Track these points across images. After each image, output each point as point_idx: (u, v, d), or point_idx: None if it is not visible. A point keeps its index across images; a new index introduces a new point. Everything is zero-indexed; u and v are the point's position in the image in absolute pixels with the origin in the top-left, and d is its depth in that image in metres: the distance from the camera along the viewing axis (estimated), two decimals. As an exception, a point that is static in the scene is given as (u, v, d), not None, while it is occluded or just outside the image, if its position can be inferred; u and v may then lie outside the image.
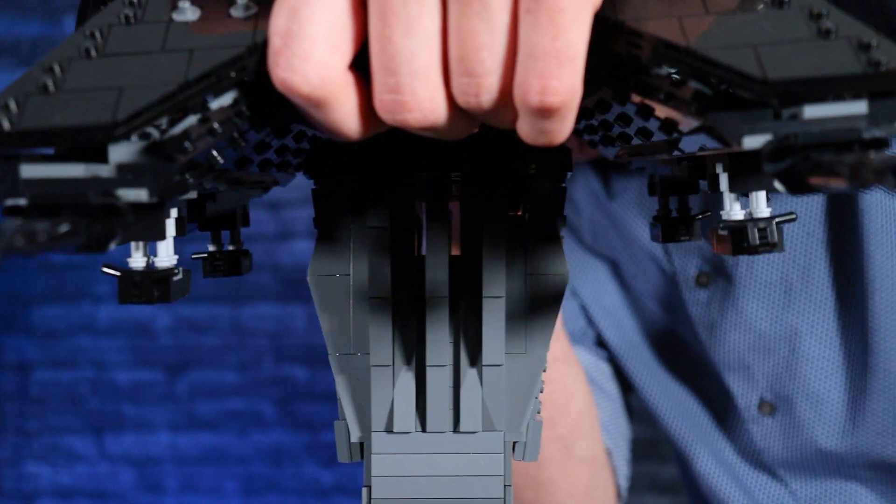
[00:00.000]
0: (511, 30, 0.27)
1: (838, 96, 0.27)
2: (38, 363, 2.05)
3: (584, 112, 0.36)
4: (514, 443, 0.37)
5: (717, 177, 0.31)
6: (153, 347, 2.05)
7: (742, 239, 0.30)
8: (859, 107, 0.26)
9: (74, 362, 2.05)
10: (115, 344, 2.05)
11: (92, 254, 0.26)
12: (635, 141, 0.36)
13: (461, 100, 0.27)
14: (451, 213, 0.36)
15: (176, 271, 0.31)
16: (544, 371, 0.37)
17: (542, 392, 0.38)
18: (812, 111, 0.26)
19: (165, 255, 0.31)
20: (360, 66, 0.28)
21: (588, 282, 0.76)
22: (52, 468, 2.06)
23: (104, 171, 0.26)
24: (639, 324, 0.77)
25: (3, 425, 2.05)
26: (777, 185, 0.27)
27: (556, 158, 0.36)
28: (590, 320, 0.77)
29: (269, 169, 0.36)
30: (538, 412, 0.38)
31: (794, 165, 0.26)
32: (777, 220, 0.31)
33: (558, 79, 0.26)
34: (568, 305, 0.75)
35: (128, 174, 0.26)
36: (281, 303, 1.98)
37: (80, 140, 0.26)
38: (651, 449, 1.69)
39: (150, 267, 0.31)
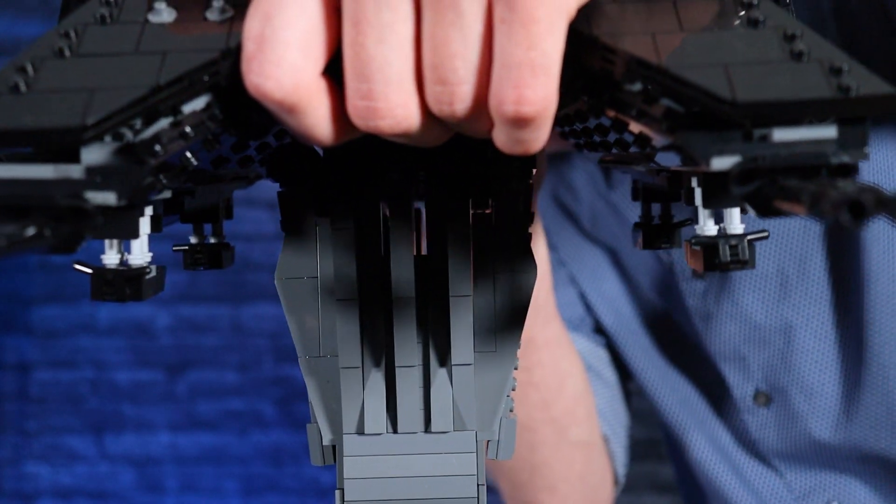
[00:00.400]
0: (485, 39, 0.27)
1: (808, 120, 0.26)
2: (38, 363, 2.05)
3: (565, 118, 0.36)
4: (488, 441, 0.37)
5: (692, 191, 0.31)
6: (153, 347, 2.06)
7: (713, 255, 0.30)
8: (829, 131, 0.26)
9: (74, 362, 2.05)
10: (115, 344, 2.05)
11: (62, 255, 0.26)
12: (615, 150, 0.35)
13: (435, 108, 0.27)
14: (420, 212, 0.36)
15: (148, 270, 0.31)
16: (516, 369, 0.37)
17: (514, 390, 0.38)
18: (781, 134, 0.26)
19: (139, 252, 0.31)
20: (334, 71, 0.28)
21: (587, 269, 0.76)
22: (52, 468, 2.06)
23: (73, 172, 0.26)
24: (637, 311, 0.77)
25: (3, 425, 2.06)
26: (746, 206, 0.27)
27: (522, 157, 0.35)
28: (588, 308, 0.77)
29: (250, 165, 0.36)
30: (511, 410, 0.38)
31: (761, 188, 0.26)
32: (749, 237, 0.30)
33: (533, 88, 0.26)
34: (566, 293, 0.76)
35: (97, 177, 0.26)
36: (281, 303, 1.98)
37: (49, 142, 0.26)
38: (651, 449, 1.68)
39: (123, 264, 0.31)
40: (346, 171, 0.35)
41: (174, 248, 0.41)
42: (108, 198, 0.26)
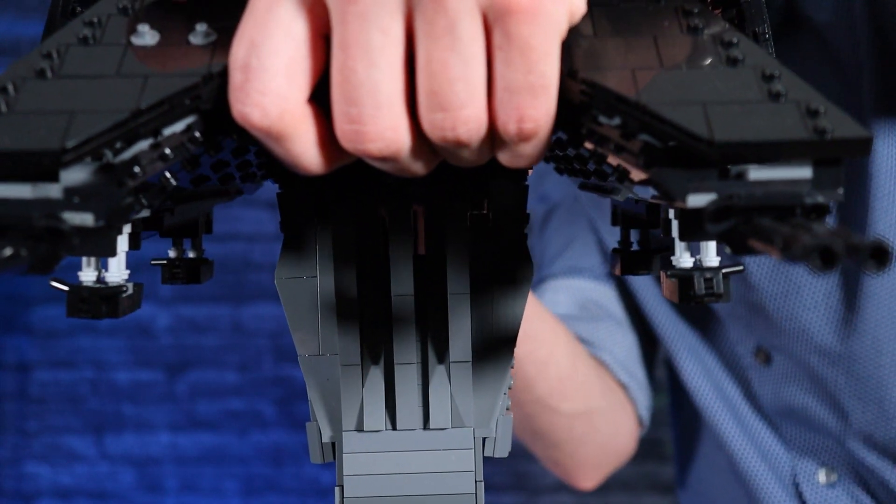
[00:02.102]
0: (483, 60, 0.27)
1: (784, 160, 0.27)
2: (38, 363, 2.05)
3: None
4: (485, 439, 0.38)
5: (669, 222, 0.31)
6: (153, 347, 2.06)
7: (688, 287, 0.30)
8: (804, 172, 0.27)
9: (74, 362, 2.05)
10: (115, 344, 2.06)
11: (37, 275, 0.25)
12: (594, 179, 0.36)
13: (436, 135, 0.27)
14: (417, 212, 0.36)
15: (125, 288, 0.30)
16: (512, 367, 0.37)
17: (510, 388, 0.38)
18: (757, 173, 0.26)
19: (116, 270, 0.31)
20: (320, 97, 0.28)
21: (605, 214, 0.78)
22: (52, 468, 2.06)
23: (51, 192, 0.26)
24: None
25: (3, 425, 2.06)
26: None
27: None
28: (605, 255, 0.79)
29: (230, 182, 0.36)
30: (507, 408, 0.38)
31: (735, 227, 0.26)
32: (724, 270, 0.31)
33: (535, 108, 0.27)
34: (586, 240, 0.79)
35: (74, 197, 0.26)
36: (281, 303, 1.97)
37: (27, 165, 0.26)
38: (651, 449, 1.68)
39: (100, 281, 0.31)
40: (345, 173, 0.36)
41: (153, 262, 0.41)
42: (85, 219, 0.26)
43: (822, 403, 0.71)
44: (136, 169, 0.27)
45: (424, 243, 0.36)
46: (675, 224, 0.30)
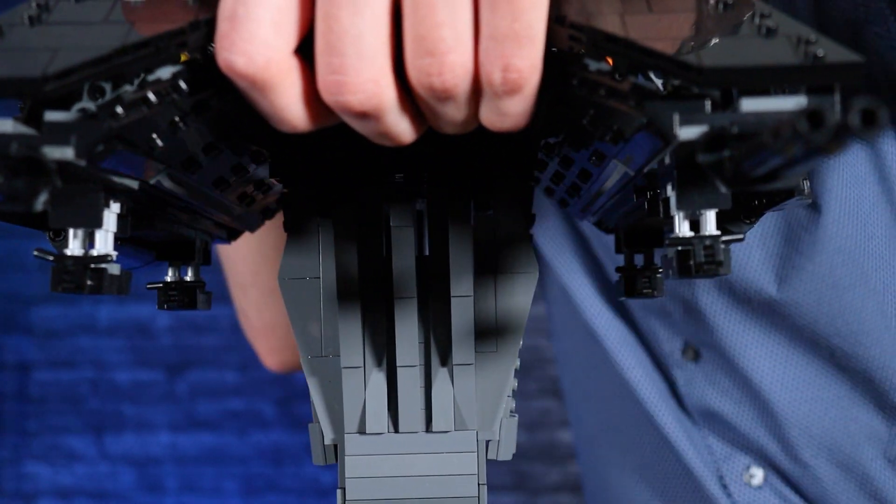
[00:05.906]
0: (469, 6, 0.27)
1: (778, 90, 0.26)
2: (38, 363, 2.05)
3: (541, 163, 0.37)
4: (488, 441, 0.37)
5: (668, 200, 0.31)
6: (153, 347, 2.06)
7: (688, 257, 0.29)
8: (798, 101, 0.26)
9: (74, 362, 2.05)
10: (115, 344, 2.06)
11: (19, 210, 0.25)
12: (586, 189, 0.36)
13: (423, 82, 0.27)
14: (422, 213, 0.36)
15: (111, 258, 0.30)
16: (516, 370, 0.37)
17: (514, 390, 0.38)
18: (749, 104, 0.26)
19: (103, 247, 0.30)
20: (309, 53, 0.28)
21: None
22: (52, 468, 2.06)
23: (32, 130, 0.26)
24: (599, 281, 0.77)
25: (3, 425, 2.06)
26: (716, 182, 0.26)
27: (522, 157, 0.36)
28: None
29: (225, 189, 0.36)
30: (511, 411, 0.38)
31: (729, 155, 0.25)
32: (724, 238, 0.30)
33: (519, 57, 0.27)
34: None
35: (55, 133, 0.26)
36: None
37: (8, 91, 0.25)
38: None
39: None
40: (349, 173, 0.36)
41: (148, 286, 0.40)
42: (65, 153, 0.26)
43: (754, 399, 0.69)
44: (119, 109, 0.27)
45: (428, 244, 0.36)
46: (672, 197, 0.30)
